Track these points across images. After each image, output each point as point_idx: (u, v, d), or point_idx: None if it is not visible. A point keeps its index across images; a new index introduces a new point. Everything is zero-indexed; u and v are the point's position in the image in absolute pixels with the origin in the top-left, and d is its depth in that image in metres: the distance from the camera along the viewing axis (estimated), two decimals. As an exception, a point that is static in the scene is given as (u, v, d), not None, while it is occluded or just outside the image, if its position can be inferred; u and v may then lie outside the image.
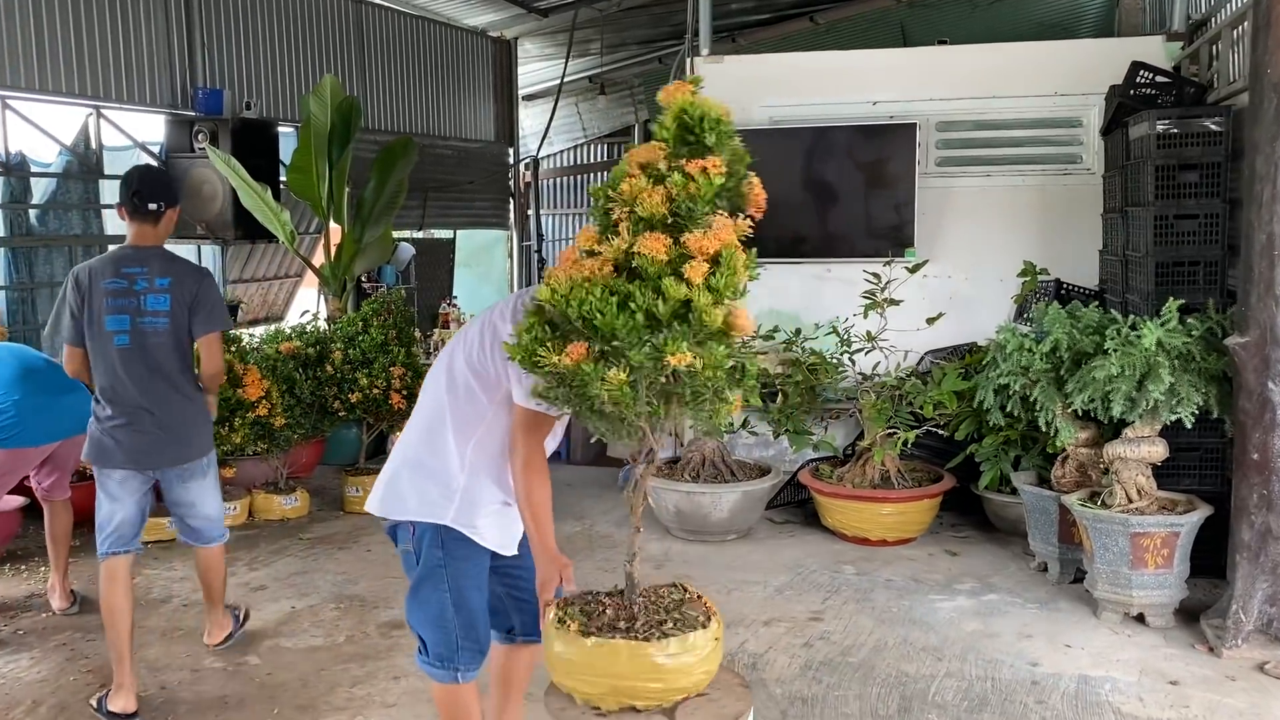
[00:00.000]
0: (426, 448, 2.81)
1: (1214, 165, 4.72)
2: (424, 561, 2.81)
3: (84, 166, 7.20)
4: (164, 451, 3.92)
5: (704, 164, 2.51)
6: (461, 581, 2.81)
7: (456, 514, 2.77)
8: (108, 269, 3.88)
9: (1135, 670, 4.00)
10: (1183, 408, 4.28)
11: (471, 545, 2.80)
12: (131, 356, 3.85)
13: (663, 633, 2.82)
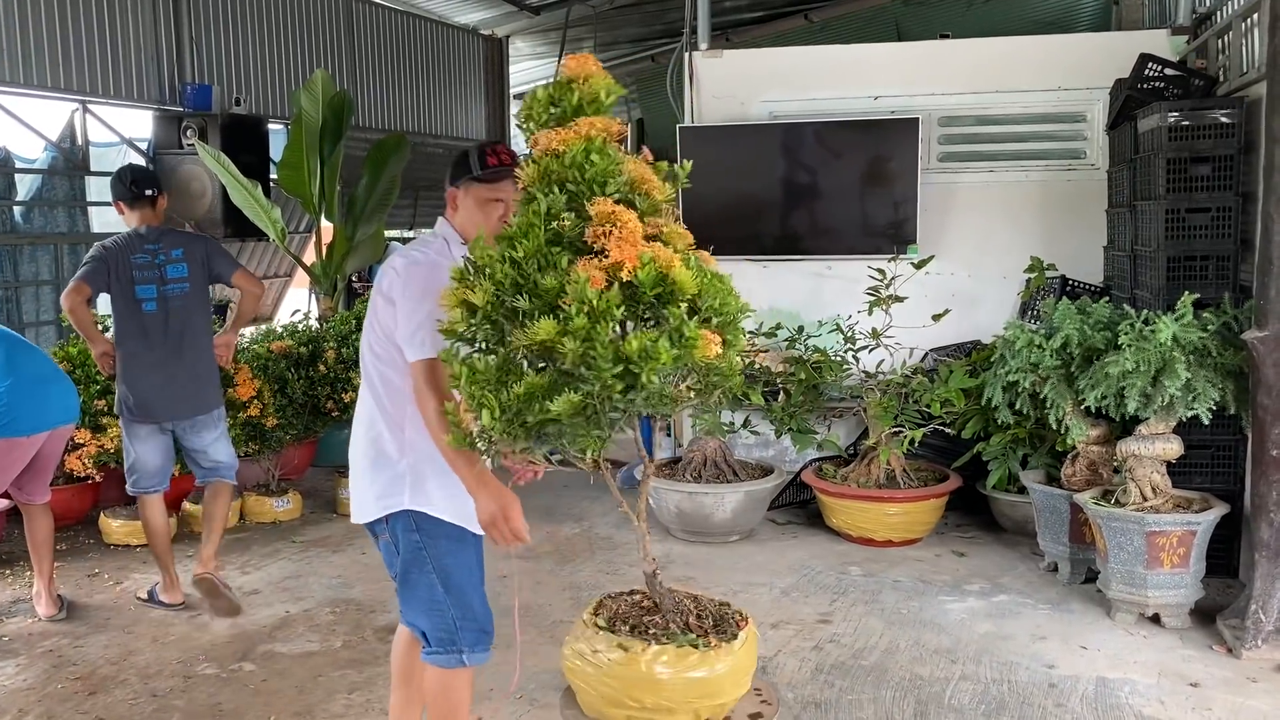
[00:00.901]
0: (369, 444, 2.83)
1: (1226, 158, 4.65)
2: (403, 547, 2.79)
3: (70, 163, 7.07)
4: (182, 406, 4.58)
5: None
6: (446, 560, 2.79)
7: (412, 496, 2.76)
8: (134, 245, 4.56)
9: (1154, 672, 3.91)
10: (1199, 404, 4.20)
11: (448, 527, 2.79)
12: (158, 320, 4.53)
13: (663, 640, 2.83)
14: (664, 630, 3.20)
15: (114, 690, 3.90)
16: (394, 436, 2.78)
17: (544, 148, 2.60)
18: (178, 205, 7.26)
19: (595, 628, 3.23)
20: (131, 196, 4.61)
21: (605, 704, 3.16)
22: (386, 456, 2.79)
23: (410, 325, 2.66)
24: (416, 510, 2.76)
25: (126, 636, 4.41)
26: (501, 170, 2.80)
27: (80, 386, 5.68)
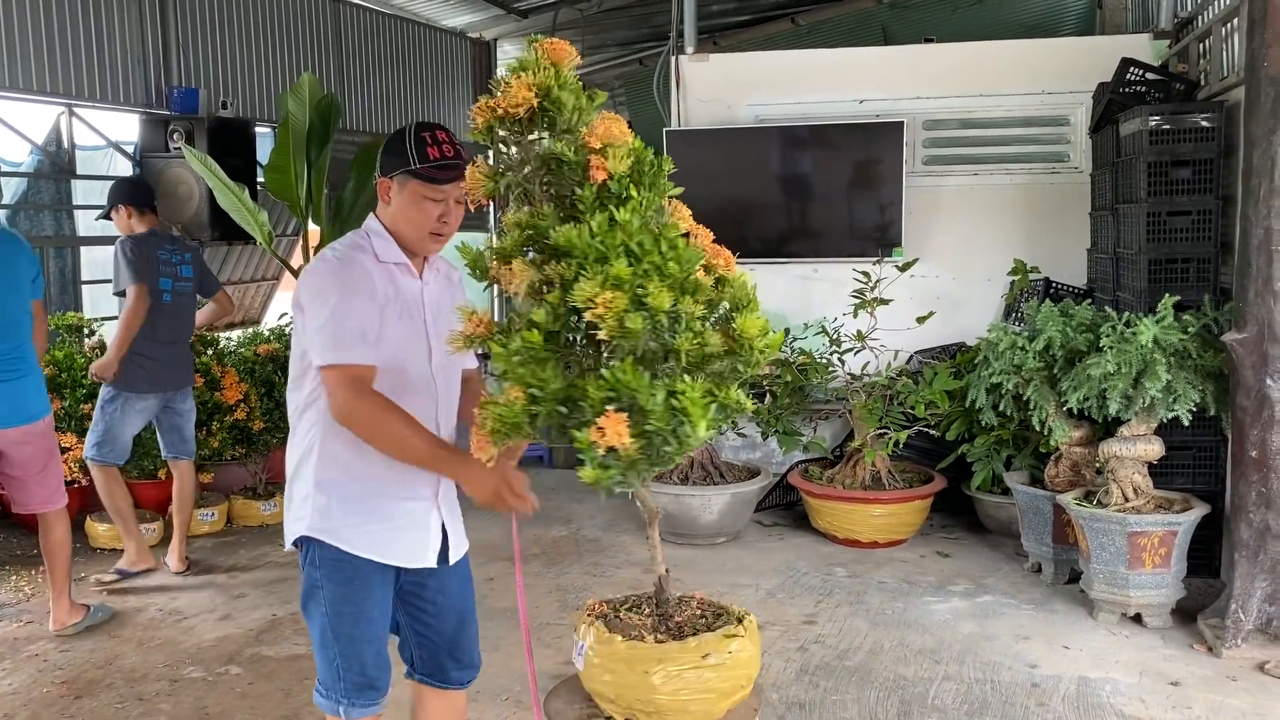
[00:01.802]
0: (291, 459, 2.54)
1: (1206, 161, 4.69)
2: (304, 579, 2.52)
3: (56, 166, 7.05)
4: (182, 377, 5.23)
5: None
6: (341, 606, 2.47)
7: (313, 521, 2.45)
8: (159, 243, 5.13)
9: (1135, 671, 3.94)
10: (1180, 405, 4.24)
11: (352, 567, 2.45)
12: (171, 309, 5.13)
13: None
14: (668, 628, 3.21)
15: (100, 694, 3.90)
16: (307, 454, 2.48)
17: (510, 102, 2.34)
18: (165, 208, 7.23)
19: (592, 625, 3.21)
20: (142, 203, 5.16)
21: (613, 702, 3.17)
22: (299, 475, 2.51)
23: (314, 330, 2.36)
24: (319, 540, 2.45)
25: (112, 640, 4.41)
26: (444, 166, 2.44)
27: (66, 391, 5.69)
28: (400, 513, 2.50)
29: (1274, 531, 4.02)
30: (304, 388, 2.47)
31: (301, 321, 2.42)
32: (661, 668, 2.99)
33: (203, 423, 5.85)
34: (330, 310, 2.35)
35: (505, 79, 2.44)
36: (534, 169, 2.45)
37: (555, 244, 2.29)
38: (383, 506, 2.47)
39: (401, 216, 2.48)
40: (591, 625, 3.16)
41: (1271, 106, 3.91)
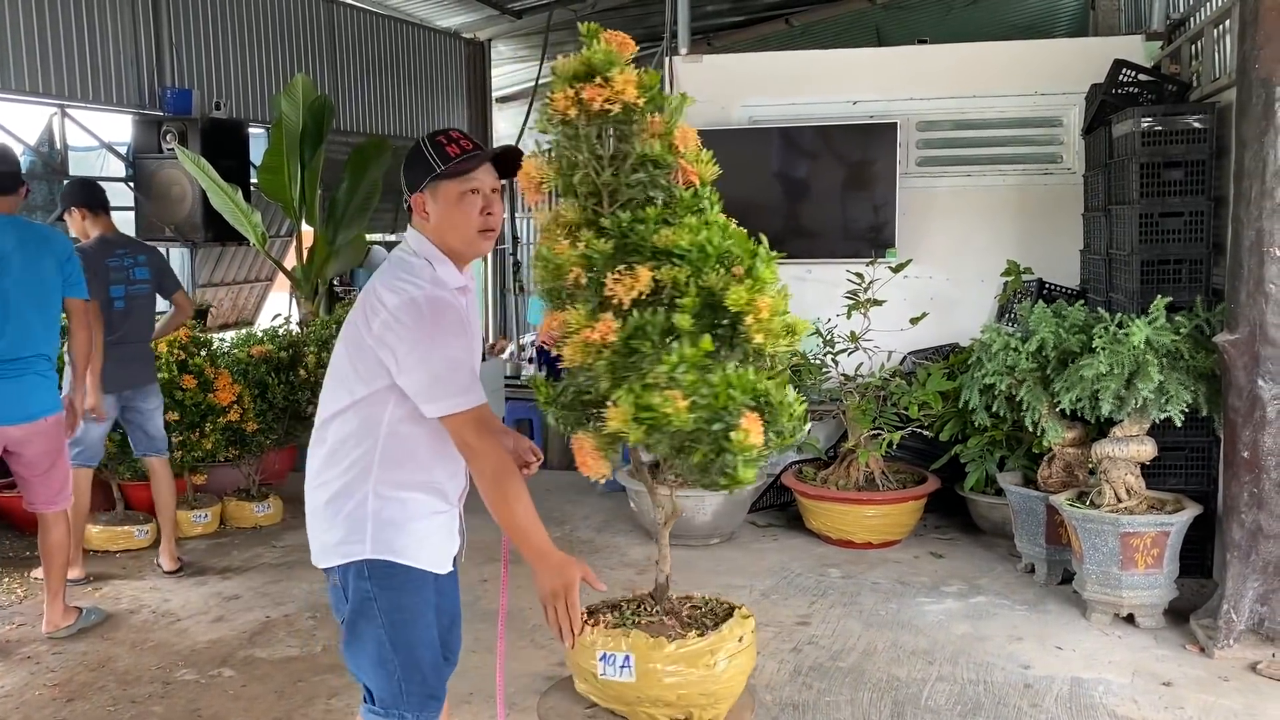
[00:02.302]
0: (331, 479, 2.46)
1: (1198, 163, 4.70)
2: (351, 595, 2.46)
3: (49, 167, 7.04)
4: (137, 376, 5.19)
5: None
6: (397, 615, 2.45)
7: (374, 544, 2.42)
8: (109, 250, 5.09)
9: (1128, 672, 3.95)
10: (1172, 406, 4.25)
11: (405, 574, 2.45)
12: (123, 314, 5.10)
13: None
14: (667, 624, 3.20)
15: (92, 696, 3.89)
16: (361, 475, 2.42)
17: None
18: (158, 210, 7.24)
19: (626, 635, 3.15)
20: (97, 205, 5.12)
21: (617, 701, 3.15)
22: (349, 496, 2.42)
23: (423, 378, 2.31)
24: (374, 559, 2.43)
25: (105, 643, 4.40)
26: (469, 157, 2.39)
27: (59, 392, 5.67)
28: (445, 523, 2.54)
29: (1266, 532, 4.04)
30: (360, 419, 2.41)
31: (389, 361, 2.34)
32: (714, 657, 3.03)
33: (196, 424, 5.84)
34: (439, 358, 2.31)
35: (591, 73, 2.42)
36: (626, 167, 2.45)
37: (668, 247, 2.30)
38: (435, 520, 2.50)
39: (447, 223, 2.42)
40: (625, 635, 3.07)
41: (1263, 108, 3.92)
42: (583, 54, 2.47)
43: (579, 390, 2.45)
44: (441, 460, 2.47)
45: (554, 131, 2.43)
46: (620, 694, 3.06)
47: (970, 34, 9.02)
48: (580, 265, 2.37)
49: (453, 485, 2.54)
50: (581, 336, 2.28)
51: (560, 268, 2.36)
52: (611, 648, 3.06)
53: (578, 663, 3.17)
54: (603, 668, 3.05)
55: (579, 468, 2.39)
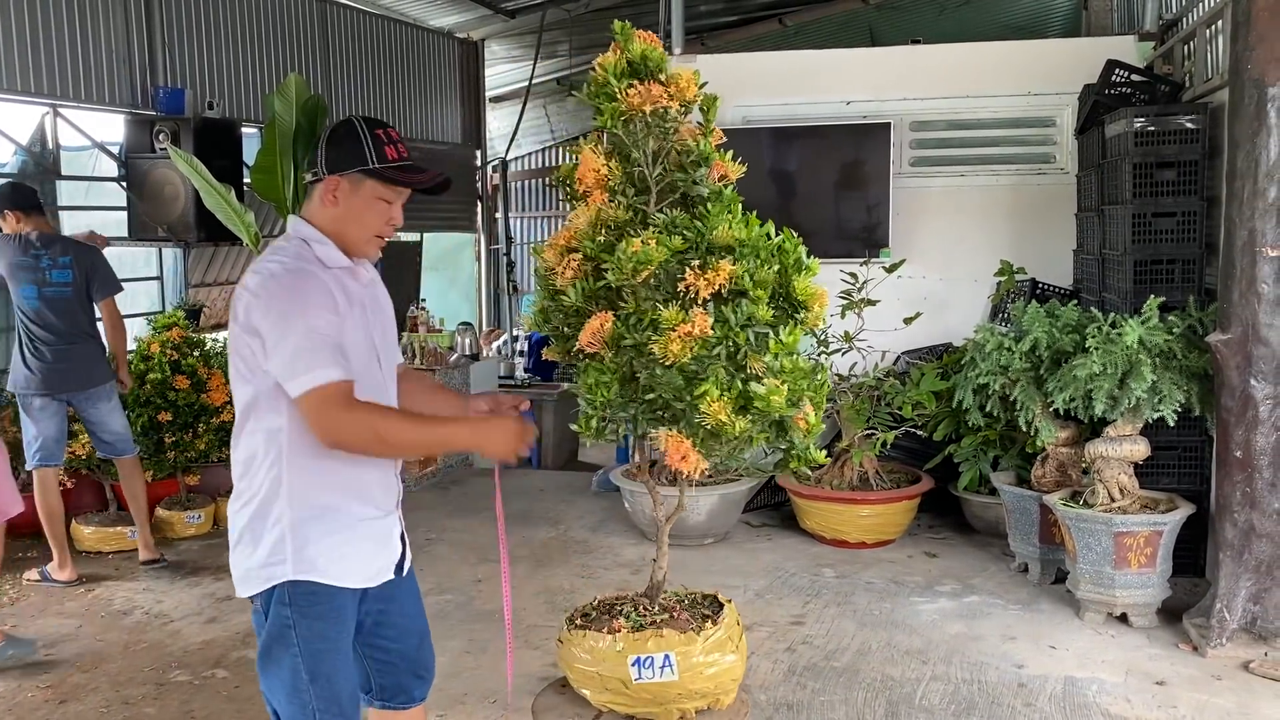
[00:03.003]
0: (245, 501, 2.31)
1: (1191, 163, 4.71)
2: (270, 619, 2.30)
3: (41, 167, 7.00)
4: (77, 379, 5.07)
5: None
6: (317, 644, 2.29)
7: (295, 564, 2.26)
8: (24, 248, 5.04)
9: (1121, 671, 3.96)
10: (1165, 405, 4.26)
11: (329, 598, 2.29)
12: (40, 314, 5.02)
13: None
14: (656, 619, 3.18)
15: (85, 698, 3.88)
16: (273, 488, 2.26)
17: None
18: (150, 210, 7.21)
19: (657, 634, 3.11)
20: (29, 206, 5.11)
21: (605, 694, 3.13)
22: (265, 514, 2.27)
23: (284, 354, 2.16)
24: (297, 579, 2.27)
25: (98, 644, 4.39)
26: (409, 172, 2.32)
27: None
28: (373, 532, 2.36)
29: (1258, 531, 4.05)
30: (261, 423, 2.26)
31: (256, 345, 2.20)
32: (734, 642, 3.04)
33: (189, 424, 5.84)
34: (300, 331, 2.16)
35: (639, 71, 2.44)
36: (670, 164, 2.47)
37: (728, 242, 2.33)
38: (357, 529, 2.32)
39: (352, 218, 2.31)
40: (658, 635, 3.02)
41: (1255, 108, 3.93)
42: (632, 50, 2.48)
43: (646, 389, 2.41)
44: (364, 461, 2.31)
45: (616, 127, 2.42)
46: (657, 694, 3.01)
47: (963, 34, 9.04)
48: (654, 263, 2.35)
49: (382, 488, 2.38)
50: (680, 331, 2.28)
51: (636, 265, 2.34)
52: (647, 650, 2.99)
53: (597, 674, 3.04)
54: (637, 672, 2.97)
55: (672, 465, 2.35)
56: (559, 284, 2.45)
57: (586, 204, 2.50)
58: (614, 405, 2.46)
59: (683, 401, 2.34)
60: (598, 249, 2.44)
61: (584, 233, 2.46)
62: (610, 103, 2.45)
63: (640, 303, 2.37)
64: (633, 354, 2.38)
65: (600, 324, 2.39)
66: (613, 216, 2.43)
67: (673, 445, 2.33)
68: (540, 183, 13.51)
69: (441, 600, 4.81)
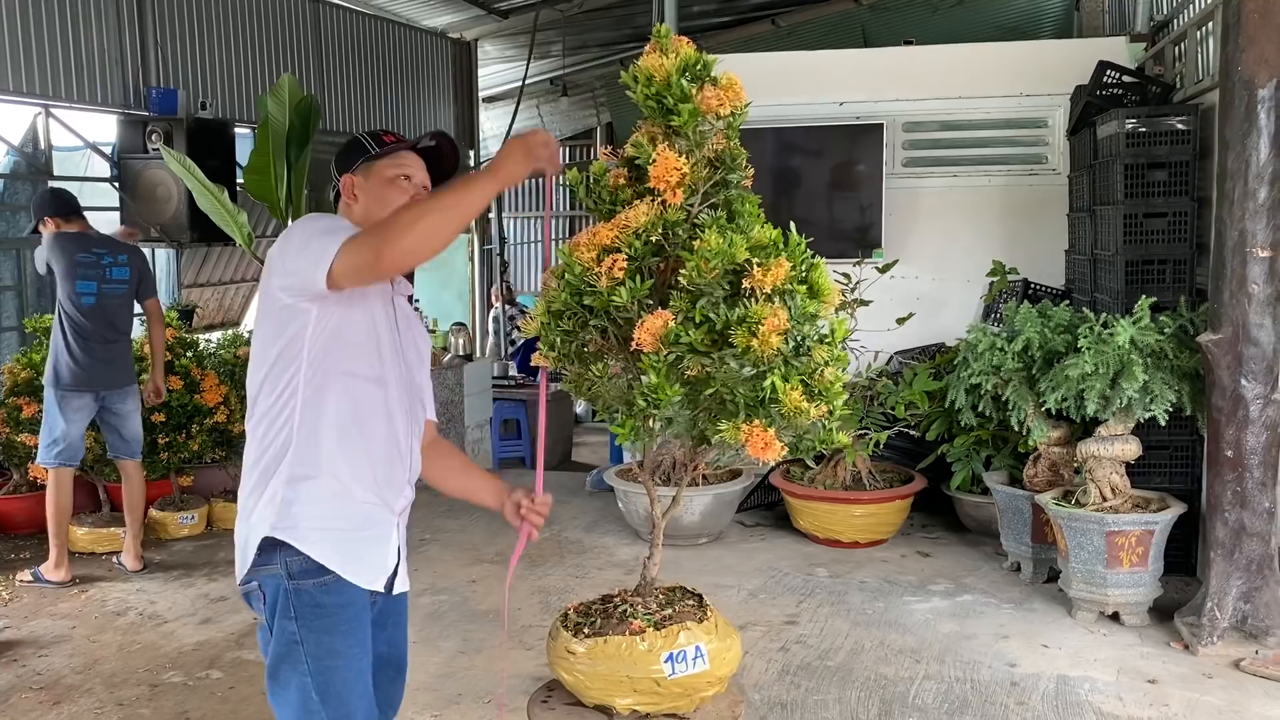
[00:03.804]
0: (255, 467, 2.22)
1: (1182, 164, 4.74)
2: (276, 636, 2.16)
3: (33, 167, 7.00)
4: (116, 377, 5.19)
5: None
6: (327, 660, 2.14)
7: (276, 519, 2.14)
8: (85, 246, 5.14)
9: (1113, 669, 3.98)
10: (1156, 405, 4.28)
11: (337, 608, 2.15)
12: (96, 311, 5.11)
13: None
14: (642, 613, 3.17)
15: (79, 700, 3.88)
16: (278, 455, 2.17)
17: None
18: (143, 210, 7.21)
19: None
20: (70, 211, 5.20)
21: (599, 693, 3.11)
22: (270, 478, 2.18)
23: (309, 251, 2.09)
24: (304, 590, 2.14)
25: (92, 645, 4.38)
26: (402, 143, 2.33)
27: (41, 394, 5.64)
28: (369, 519, 2.22)
29: (1249, 530, 4.07)
30: (284, 371, 2.16)
31: (291, 281, 2.12)
32: (729, 627, 3.03)
33: (182, 425, 5.83)
34: (328, 227, 2.12)
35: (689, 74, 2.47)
36: (709, 170, 2.51)
37: (762, 241, 2.38)
38: (351, 509, 2.19)
39: (374, 200, 2.28)
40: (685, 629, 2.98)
41: (1245, 110, 3.95)
42: (684, 53, 2.51)
43: (704, 386, 2.44)
44: (374, 446, 2.23)
45: (691, 128, 2.46)
46: (688, 686, 2.98)
47: (956, 35, 9.06)
48: (737, 259, 2.39)
49: (387, 481, 2.26)
50: (769, 325, 2.33)
51: (718, 263, 2.38)
52: (679, 645, 2.96)
53: (627, 678, 2.97)
54: (671, 668, 2.93)
55: (753, 454, 2.37)
56: (601, 285, 2.43)
57: (637, 205, 2.50)
58: (674, 405, 2.46)
59: (754, 394, 2.37)
60: (648, 250, 2.45)
61: (645, 231, 2.46)
62: (685, 103, 2.48)
63: (697, 301, 2.40)
64: (683, 352, 2.39)
65: (663, 323, 2.39)
66: (672, 217, 2.45)
67: (757, 436, 2.35)
68: (536, 183, 13.50)
69: (436, 600, 4.82)
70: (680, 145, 2.49)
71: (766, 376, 2.33)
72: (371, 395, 2.22)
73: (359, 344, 2.21)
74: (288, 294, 2.14)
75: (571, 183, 2.61)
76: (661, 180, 2.43)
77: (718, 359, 2.36)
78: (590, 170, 2.61)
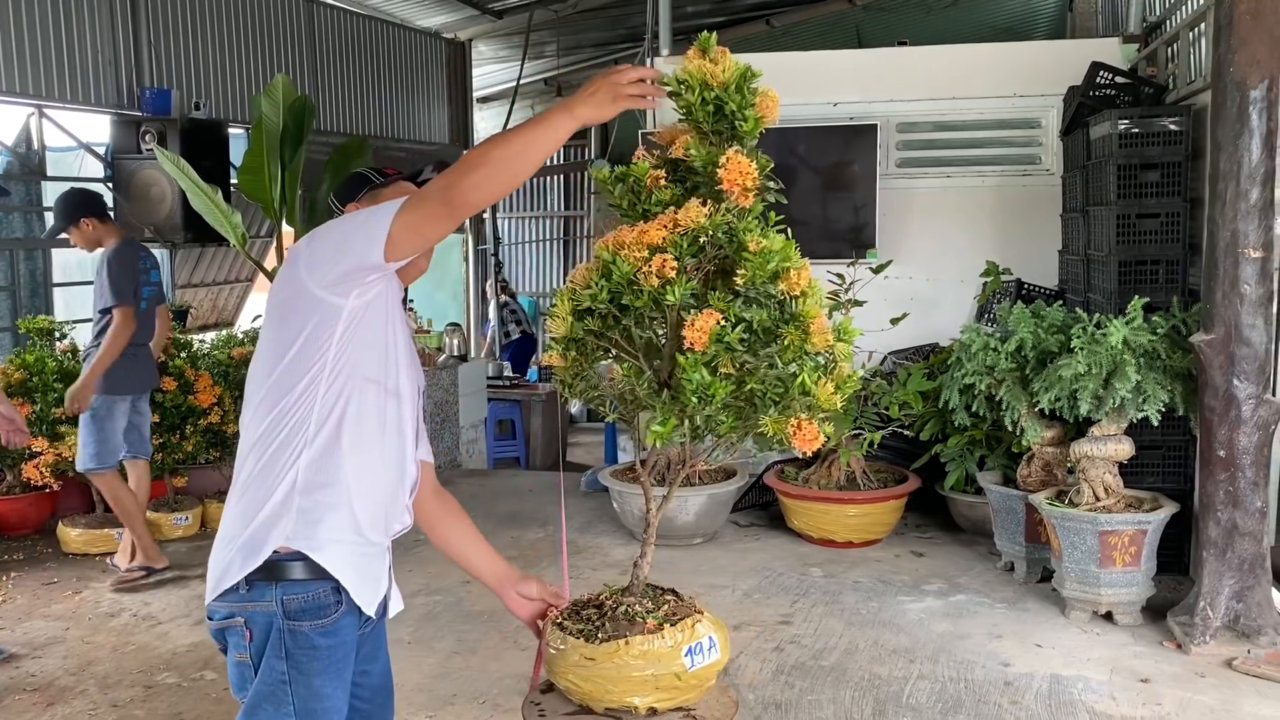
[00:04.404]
0: (261, 473, 2.06)
1: (1174, 164, 4.76)
2: (262, 675, 2.05)
3: (26, 168, 6.98)
4: (153, 378, 5.40)
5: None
6: (313, 703, 2.05)
7: (295, 528, 2.02)
8: (138, 252, 5.23)
9: (1106, 669, 3.99)
10: (1149, 405, 4.30)
11: (329, 650, 2.06)
12: (145, 315, 5.20)
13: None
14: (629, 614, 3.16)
15: (73, 701, 3.88)
16: (292, 458, 2.03)
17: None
18: (137, 211, 7.19)
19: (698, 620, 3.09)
20: (104, 210, 5.22)
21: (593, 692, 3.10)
22: (281, 480, 2.03)
23: (361, 232, 1.98)
24: (299, 632, 2.03)
25: (85, 647, 4.38)
26: (403, 175, 2.26)
27: (37, 395, 5.64)
28: (369, 541, 2.12)
29: (1241, 529, 4.09)
30: (302, 370, 2.03)
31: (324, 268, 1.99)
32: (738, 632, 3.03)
33: (176, 426, 5.82)
34: (375, 209, 2.00)
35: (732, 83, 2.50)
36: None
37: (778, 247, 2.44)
38: (359, 525, 2.10)
39: None
40: (698, 621, 2.97)
41: (1237, 111, 3.97)
42: (736, 64, 2.56)
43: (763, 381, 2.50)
44: (378, 483, 2.13)
45: (753, 134, 2.54)
46: (703, 676, 2.99)
47: (950, 36, 9.08)
48: (790, 260, 2.48)
49: (392, 510, 2.18)
50: (816, 324, 2.42)
51: (777, 264, 2.46)
52: (696, 637, 2.96)
53: (651, 676, 2.94)
54: (691, 661, 2.93)
55: (800, 445, 2.41)
56: (649, 284, 2.47)
57: (690, 206, 2.54)
58: (721, 402, 2.53)
59: (784, 390, 2.45)
60: (693, 250, 2.51)
61: (698, 231, 2.50)
62: (749, 109, 2.56)
63: (734, 301, 2.46)
64: (720, 351, 2.45)
65: (714, 322, 2.45)
66: (722, 220, 2.51)
67: (805, 428, 2.42)
68: (531, 183, 13.49)
69: (430, 601, 4.82)
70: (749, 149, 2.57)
71: (798, 374, 2.42)
72: (387, 407, 2.12)
73: (378, 349, 2.10)
74: (321, 282, 2.00)
75: (600, 181, 2.63)
76: (735, 184, 2.49)
77: (764, 356, 2.42)
78: (632, 170, 2.63)
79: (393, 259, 1.97)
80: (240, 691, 2.11)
